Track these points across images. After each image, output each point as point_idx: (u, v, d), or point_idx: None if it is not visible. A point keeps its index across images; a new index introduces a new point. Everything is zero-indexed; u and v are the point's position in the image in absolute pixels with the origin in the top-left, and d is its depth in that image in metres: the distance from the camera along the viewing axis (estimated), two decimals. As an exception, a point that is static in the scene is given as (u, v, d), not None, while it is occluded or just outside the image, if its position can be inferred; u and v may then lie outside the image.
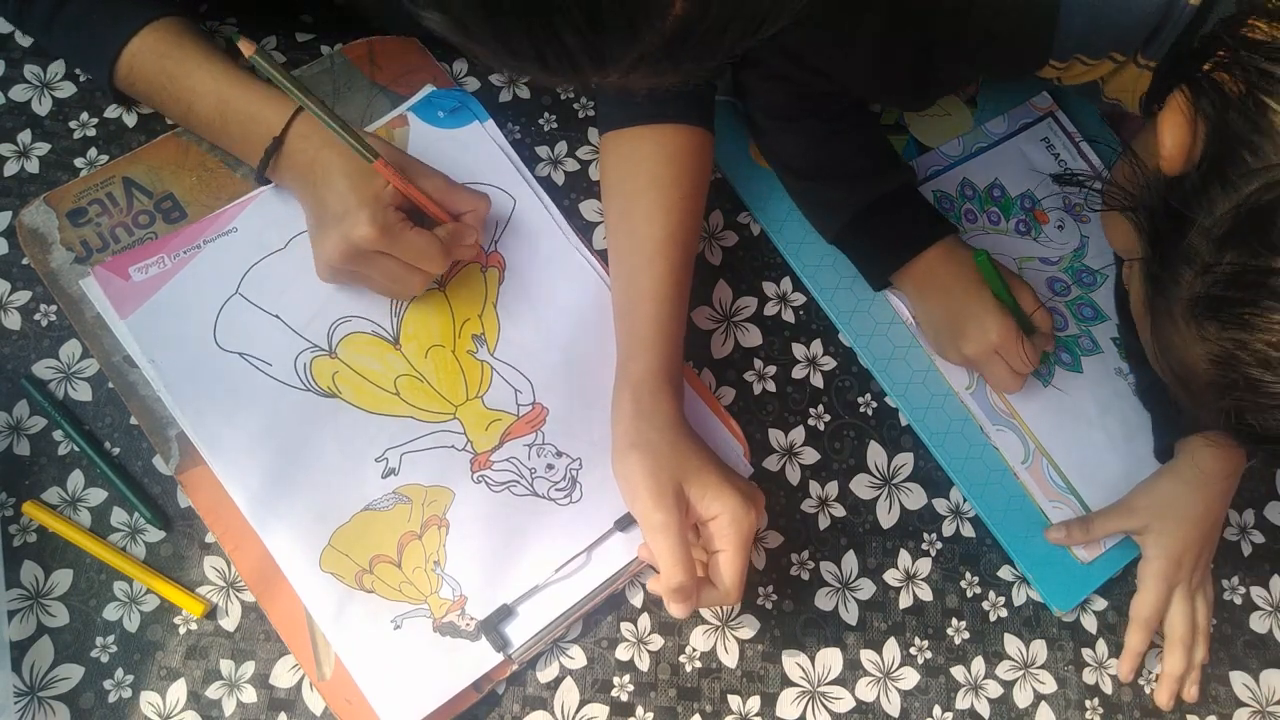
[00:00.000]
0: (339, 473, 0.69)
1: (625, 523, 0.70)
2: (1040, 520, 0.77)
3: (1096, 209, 0.57)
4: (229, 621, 0.66)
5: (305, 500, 0.68)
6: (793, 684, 0.71)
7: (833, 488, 0.76)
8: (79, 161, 0.74)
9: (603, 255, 0.77)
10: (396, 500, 0.70)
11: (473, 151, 0.79)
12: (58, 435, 0.68)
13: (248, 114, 0.69)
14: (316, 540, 0.67)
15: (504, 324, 0.75)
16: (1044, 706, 0.73)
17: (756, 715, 0.69)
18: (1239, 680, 0.76)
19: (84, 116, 0.75)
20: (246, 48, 0.59)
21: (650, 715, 0.68)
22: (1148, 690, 0.74)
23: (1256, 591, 0.79)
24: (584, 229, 0.79)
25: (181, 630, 0.66)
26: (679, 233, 0.71)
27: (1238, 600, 0.78)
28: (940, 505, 0.77)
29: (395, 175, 0.66)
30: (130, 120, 0.76)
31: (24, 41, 0.76)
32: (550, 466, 0.72)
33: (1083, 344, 0.82)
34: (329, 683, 0.65)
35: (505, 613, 0.68)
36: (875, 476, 0.77)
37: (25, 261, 0.71)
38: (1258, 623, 0.78)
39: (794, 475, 0.76)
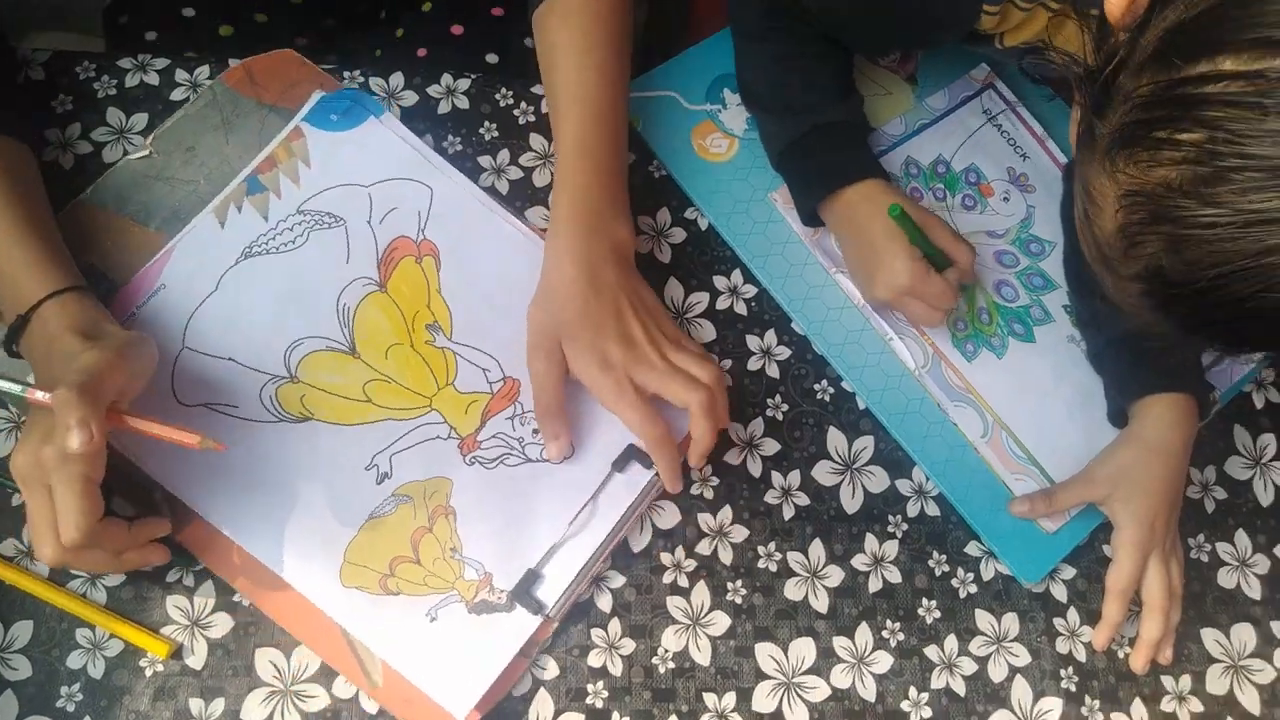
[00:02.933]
0: (334, 491, 0.70)
1: (621, 463, 0.73)
2: (1003, 494, 0.77)
3: (1048, 75, 0.56)
4: (195, 660, 0.66)
5: (309, 526, 0.68)
6: (767, 677, 0.71)
7: (794, 477, 0.76)
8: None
9: (527, 219, 0.79)
10: (398, 502, 0.70)
11: (376, 149, 0.78)
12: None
13: (7, 276, 0.64)
14: (332, 561, 0.68)
15: (453, 308, 0.76)
16: (1019, 679, 0.73)
17: (733, 711, 0.69)
18: (1210, 637, 0.77)
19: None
20: None
21: (626, 720, 0.68)
22: (1121, 655, 0.75)
23: (1222, 547, 0.79)
24: (507, 201, 0.79)
25: (148, 672, 0.65)
26: (596, 35, 0.74)
27: (1204, 558, 0.79)
28: (903, 486, 0.77)
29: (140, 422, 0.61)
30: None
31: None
32: (536, 431, 0.73)
33: (1034, 314, 0.82)
34: (383, 689, 0.66)
35: (532, 578, 0.69)
36: (837, 462, 0.77)
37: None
38: (1225, 578, 0.78)
39: (755, 467, 0.76)
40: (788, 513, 0.75)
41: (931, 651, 0.73)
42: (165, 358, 0.70)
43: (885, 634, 0.73)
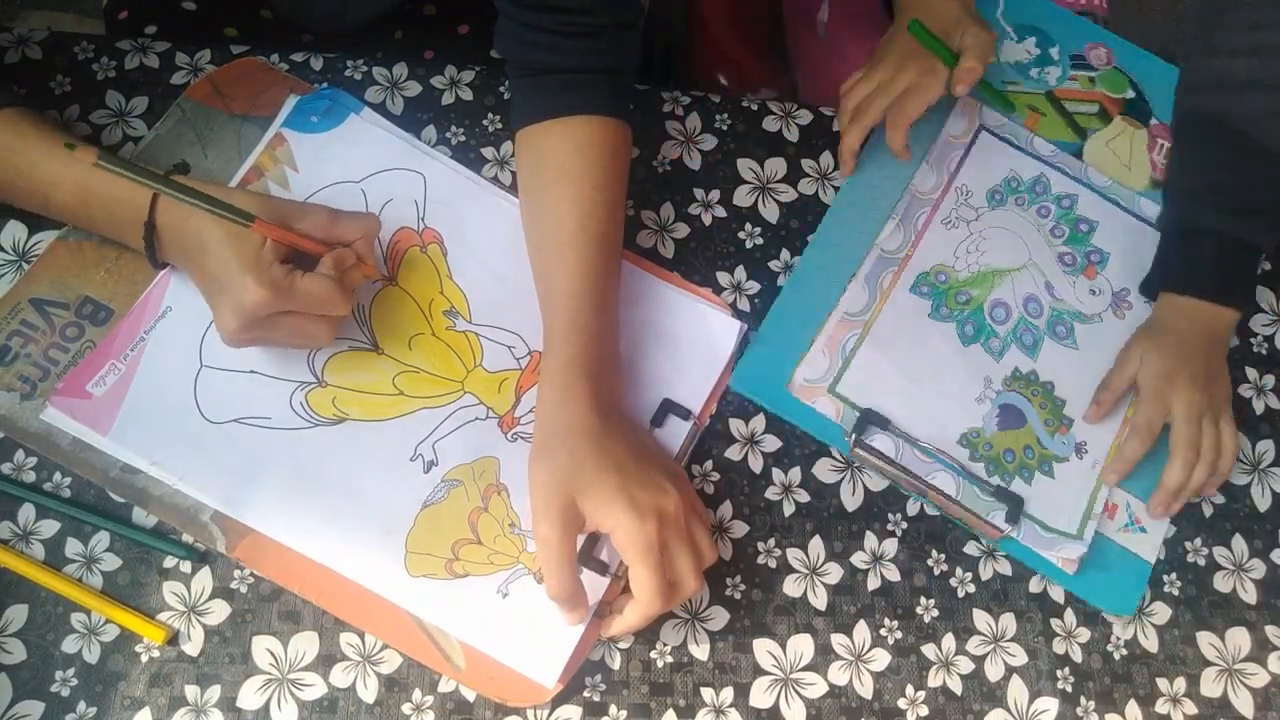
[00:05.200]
0: (383, 486, 0.70)
1: (659, 419, 0.74)
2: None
3: None
4: (192, 646, 0.65)
5: (364, 524, 0.68)
6: (765, 672, 0.71)
7: (795, 474, 0.76)
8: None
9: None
10: (449, 487, 0.70)
11: (362, 145, 0.78)
12: (6, 469, 0.67)
13: (109, 196, 0.65)
14: (395, 554, 0.68)
15: (467, 291, 0.76)
16: (1015, 679, 0.73)
17: (730, 706, 0.69)
18: (1205, 640, 0.77)
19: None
20: (86, 155, 0.56)
21: (624, 714, 0.68)
22: (1116, 658, 0.75)
23: (1219, 552, 0.79)
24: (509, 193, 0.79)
25: (144, 658, 0.65)
26: (590, 224, 0.71)
27: (1201, 561, 0.79)
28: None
29: (276, 230, 0.63)
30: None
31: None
32: None
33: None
34: (466, 671, 0.67)
35: (593, 540, 0.69)
36: (837, 460, 0.77)
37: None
38: (1221, 582, 0.79)
39: (756, 463, 0.76)
40: (788, 509, 0.75)
41: (929, 650, 0.73)
42: (185, 379, 0.70)
43: (883, 632, 0.73)
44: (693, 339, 0.77)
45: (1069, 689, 0.74)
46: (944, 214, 0.85)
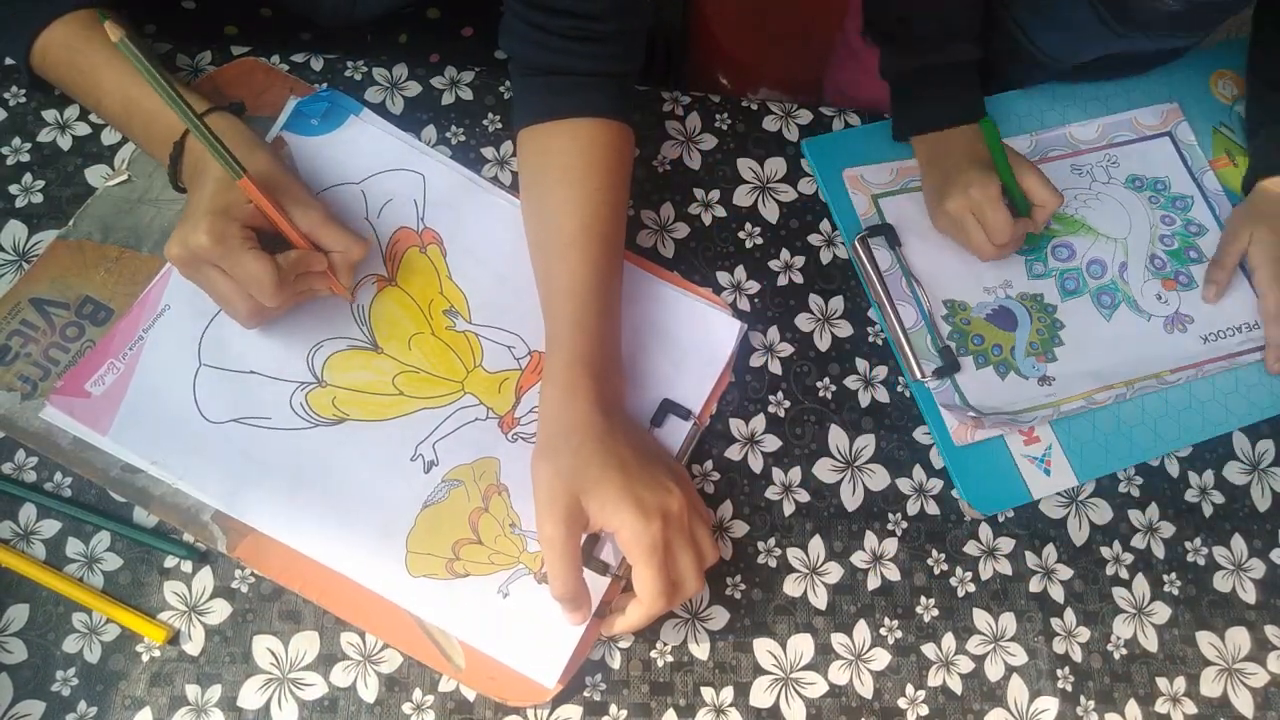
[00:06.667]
0: (383, 486, 0.70)
1: (659, 418, 0.74)
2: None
3: None
4: (193, 646, 0.65)
5: (366, 524, 0.68)
6: (765, 672, 0.71)
7: (795, 474, 0.76)
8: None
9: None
10: (449, 487, 0.70)
11: (361, 147, 0.78)
12: (7, 469, 0.67)
13: (148, 113, 0.69)
14: (395, 554, 0.68)
15: (467, 291, 0.76)
16: (1015, 679, 0.73)
17: (730, 705, 0.69)
18: (1205, 640, 0.77)
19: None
20: (113, 32, 0.58)
21: (624, 713, 0.68)
22: (1116, 657, 0.75)
23: (1219, 551, 0.80)
24: (509, 192, 0.79)
25: (145, 658, 0.65)
26: (594, 225, 0.71)
27: (1200, 561, 0.79)
28: (904, 485, 0.77)
29: (258, 195, 0.64)
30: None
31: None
32: None
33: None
34: (466, 671, 0.67)
35: (594, 540, 0.69)
36: (838, 460, 0.77)
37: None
38: (1221, 582, 0.79)
39: (756, 463, 0.76)
40: (788, 509, 0.75)
41: (929, 649, 0.73)
42: (184, 378, 0.70)
43: (883, 631, 0.73)
44: (693, 339, 0.77)
45: (1069, 688, 0.74)
46: (1080, 162, 0.90)
